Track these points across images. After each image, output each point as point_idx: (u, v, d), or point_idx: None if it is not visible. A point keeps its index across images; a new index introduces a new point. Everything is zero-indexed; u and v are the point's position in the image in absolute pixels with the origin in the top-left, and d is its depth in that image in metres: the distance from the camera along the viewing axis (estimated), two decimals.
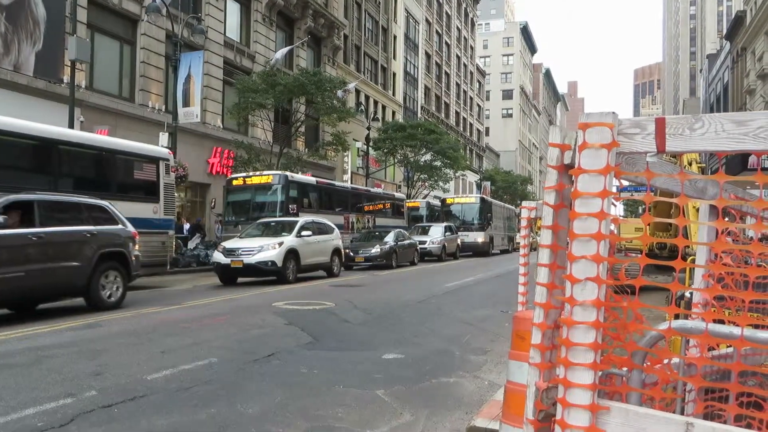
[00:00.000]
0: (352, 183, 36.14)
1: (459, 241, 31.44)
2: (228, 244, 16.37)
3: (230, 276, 15.89)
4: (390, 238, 23.18)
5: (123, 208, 13.70)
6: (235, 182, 21.95)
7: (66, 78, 18.95)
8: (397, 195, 34.69)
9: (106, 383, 5.61)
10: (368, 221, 28.32)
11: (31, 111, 18.37)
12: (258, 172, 22.35)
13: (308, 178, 24.06)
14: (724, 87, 46.16)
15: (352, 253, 21.87)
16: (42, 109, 18.77)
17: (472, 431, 4.43)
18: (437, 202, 39.36)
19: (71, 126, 16.68)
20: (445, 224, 30.79)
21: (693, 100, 77.48)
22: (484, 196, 41.38)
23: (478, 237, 33.98)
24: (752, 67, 37.27)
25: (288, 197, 21.04)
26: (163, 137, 20.79)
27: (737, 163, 19.55)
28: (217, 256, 15.99)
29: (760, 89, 35.56)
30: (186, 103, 22.35)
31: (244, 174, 22.36)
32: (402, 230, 25.51)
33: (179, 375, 5.97)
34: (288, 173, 22.07)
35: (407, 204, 35.48)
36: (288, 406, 5.07)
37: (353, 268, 21.87)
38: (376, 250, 22.07)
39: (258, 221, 18.63)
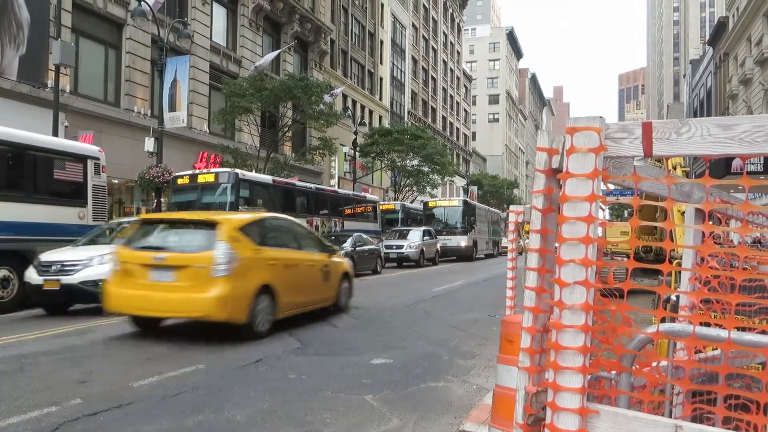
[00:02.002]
0: (339, 188, 36.04)
1: (439, 246, 29.90)
2: (47, 255, 11.10)
3: (47, 302, 10.95)
4: (347, 244, 20.30)
5: (39, 213, 12.30)
6: (180, 180, 19.67)
7: (50, 82, 18.78)
8: (370, 197, 32.54)
9: (91, 391, 5.55)
10: (336, 225, 26.12)
11: (15, 116, 18.19)
12: (205, 170, 20.13)
13: (263, 177, 21.93)
14: (707, 92, 46.71)
15: None
16: (26, 113, 18.58)
17: None
18: (415, 205, 38.45)
19: (55, 131, 16.51)
20: (423, 228, 29.28)
21: (677, 105, 78.32)
22: (467, 198, 39.89)
23: (462, 241, 32.78)
24: (735, 72, 37.75)
25: (238, 198, 18.97)
26: (149, 142, 20.66)
27: (721, 167, 19.74)
28: (29, 274, 10.86)
29: (742, 94, 36.02)
30: (172, 108, 22.26)
31: (190, 171, 20.15)
32: (362, 234, 22.64)
33: (166, 382, 5.91)
34: (239, 171, 20.11)
35: (382, 206, 33.79)
36: (276, 411, 5.04)
37: None
38: None
39: (108, 222, 15.13)
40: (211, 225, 8.36)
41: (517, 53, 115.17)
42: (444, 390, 5.87)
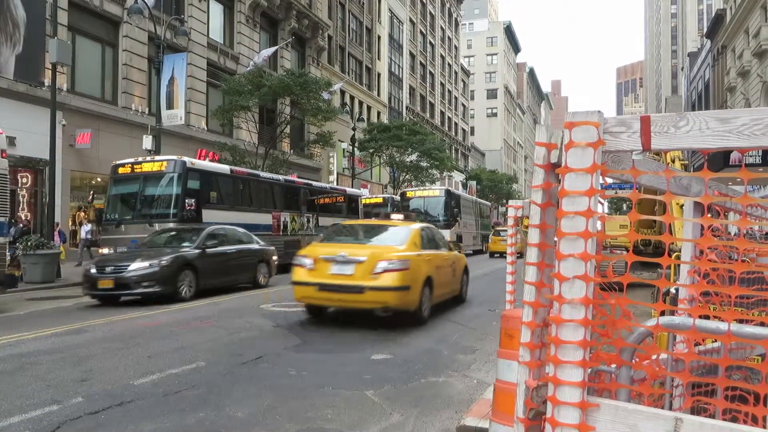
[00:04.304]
0: (338, 184, 35.95)
1: None
2: None
3: None
4: (188, 244, 13.12)
5: None
6: (121, 170, 17.27)
7: (47, 81, 18.74)
8: (351, 190, 29.70)
9: (92, 389, 5.56)
10: (308, 221, 23.30)
11: (12, 114, 18.17)
12: (150, 158, 17.81)
13: (218, 166, 19.47)
14: (705, 85, 46.67)
15: (95, 273, 11.78)
16: (23, 112, 18.56)
17: (461, 430, 4.44)
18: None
19: (53, 130, 16.47)
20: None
21: (675, 98, 78.25)
22: (450, 188, 35.50)
23: (444, 235, 29.78)
24: (732, 64, 37.70)
25: (186, 190, 16.65)
26: (147, 140, 20.64)
27: (719, 159, 19.73)
28: None
29: (740, 87, 35.98)
30: (170, 106, 22.21)
31: (132, 159, 17.65)
32: (225, 227, 15.13)
33: (167, 379, 5.92)
34: (188, 159, 17.54)
35: (368, 200, 31.44)
36: (277, 408, 5.05)
37: (120, 300, 12.04)
38: (138, 266, 11.67)
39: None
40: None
41: (515, 47, 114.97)
42: (445, 385, 5.88)
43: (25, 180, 19.53)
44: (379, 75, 51.43)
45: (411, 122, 46.84)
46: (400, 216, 15.75)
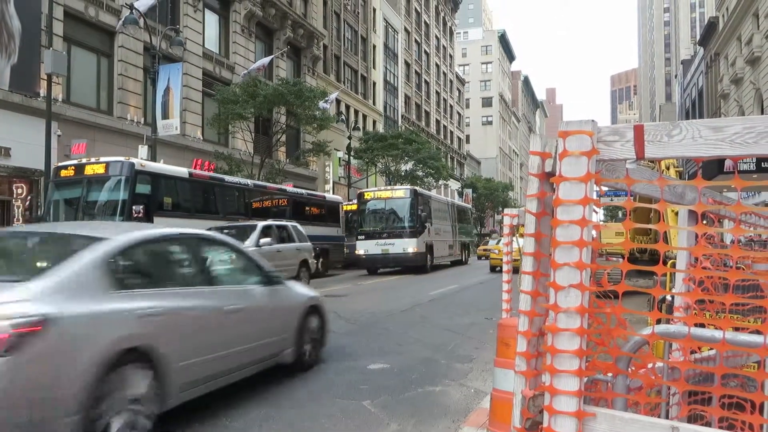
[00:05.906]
0: (333, 193, 35.95)
1: (310, 257, 18.94)
2: None
3: None
4: None
5: None
6: (63, 172, 15.63)
7: (42, 92, 18.72)
8: (330, 197, 27.66)
9: None
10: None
11: (7, 125, 18.15)
12: (94, 159, 16.07)
13: (175, 169, 17.67)
14: (698, 92, 46.95)
15: None
16: (18, 123, 18.52)
17: None
18: None
19: (48, 140, 16.44)
20: (265, 223, 17.18)
21: (669, 105, 78.67)
22: (416, 188, 28.50)
23: (409, 246, 24.00)
24: (726, 72, 37.95)
25: (134, 195, 15.08)
26: (143, 150, 20.61)
27: (713, 166, 19.80)
28: None
29: (734, 94, 36.21)
30: (165, 116, 22.19)
31: (75, 161, 16.04)
32: None
33: None
34: (137, 160, 15.89)
35: (349, 207, 28.46)
36: (273, 417, 5.03)
37: None
38: None
39: None
40: None
41: (510, 56, 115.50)
42: (442, 394, 5.86)
43: (20, 190, 19.46)
44: (374, 84, 51.58)
45: (407, 131, 46.94)
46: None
